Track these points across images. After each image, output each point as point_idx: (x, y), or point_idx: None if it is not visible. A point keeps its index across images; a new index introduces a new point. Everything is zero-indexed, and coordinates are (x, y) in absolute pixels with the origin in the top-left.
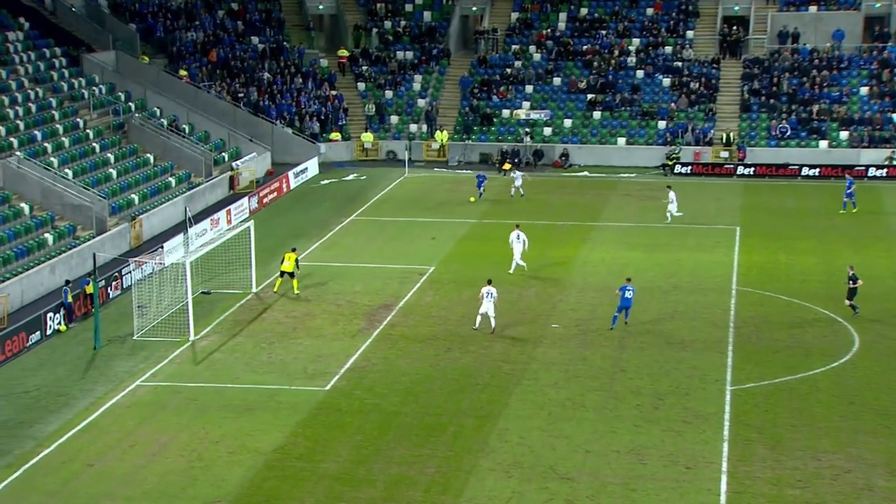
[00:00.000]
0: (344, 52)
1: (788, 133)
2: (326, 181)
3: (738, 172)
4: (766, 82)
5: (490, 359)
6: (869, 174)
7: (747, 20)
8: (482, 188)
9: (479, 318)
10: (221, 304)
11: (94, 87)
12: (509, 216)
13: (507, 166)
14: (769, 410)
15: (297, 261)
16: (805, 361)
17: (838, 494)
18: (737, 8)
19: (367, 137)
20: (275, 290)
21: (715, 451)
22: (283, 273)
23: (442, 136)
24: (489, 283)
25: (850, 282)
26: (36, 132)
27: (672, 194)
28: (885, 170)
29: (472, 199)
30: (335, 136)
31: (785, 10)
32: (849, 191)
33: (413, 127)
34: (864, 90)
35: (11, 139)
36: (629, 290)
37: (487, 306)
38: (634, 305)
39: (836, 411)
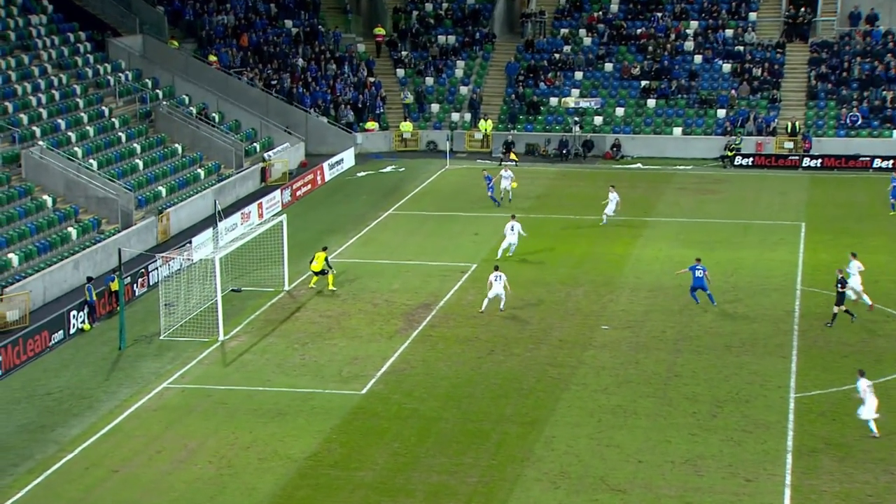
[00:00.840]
0: (381, 31)
1: (859, 122)
2: (363, 173)
3: (803, 164)
4: (835, 67)
5: (536, 362)
6: None
7: (815, 0)
8: (492, 190)
9: (486, 302)
10: (252, 303)
11: (119, 74)
12: (555, 210)
13: (513, 156)
14: (837, 420)
15: (326, 259)
16: (876, 367)
17: None
18: None
19: (407, 127)
20: (311, 285)
21: (778, 462)
22: (315, 273)
23: (486, 125)
24: (496, 268)
25: (839, 286)
26: (59, 121)
27: (613, 195)
28: None
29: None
30: (371, 125)
31: None
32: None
33: (455, 116)
34: None
35: (34, 128)
36: (699, 269)
37: (498, 289)
38: (693, 306)
39: None
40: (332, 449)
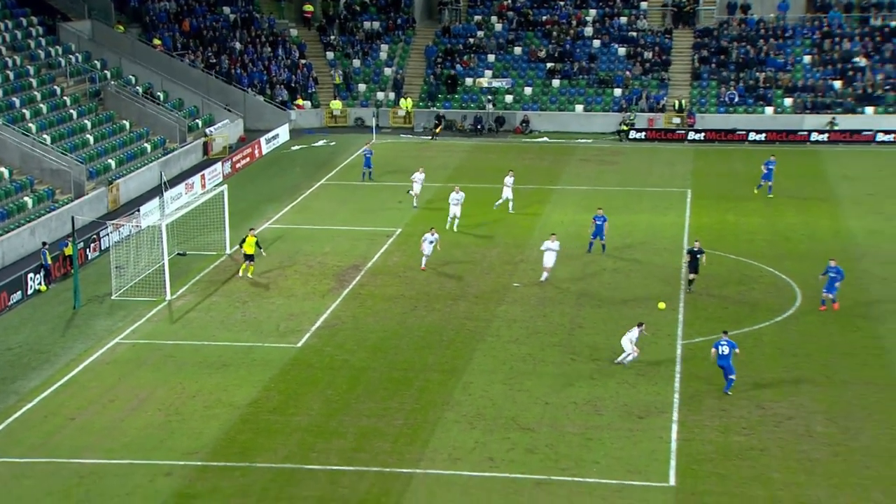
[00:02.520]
0: (309, 8)
1: (736, 100)
2: (297, 147)
3: (689, 138)
4: (715, 51)
5: (454, 316)
6: (811, 139)
7: None
8: (370, 166)
9: (424, 260)
10: (196, 265)
11: (70, 56)
12: (472, 180)
13: (438, 130)
14: (716, 363)
15: (258, 243)
16: (751, 316)
17: (780, 440)
18: None
19: (336, 105)
20: (240, 273)
21: (666, 401)
22: (246, 257)
23: (407, 103)
24: (432, 230)
25: (697, 255)
26: (14, 99)
27: (417, 174)
28: (826, 135)
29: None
30: (300, 102)
31: None
32: (767, 172)
33: (380, 95)
34: (807, 59)
35: None
36: (600, 218)
37: (427, 249)
38: (591, 264)
39: (779, 363)
40: (271, 396)
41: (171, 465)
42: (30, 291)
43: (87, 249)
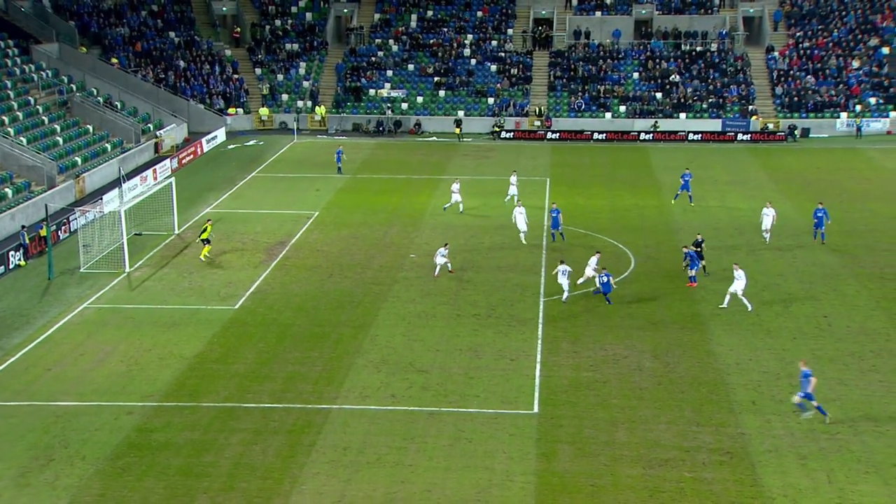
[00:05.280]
0: (238, 30)
1: (583, 107)
2: (232, 146)
3: (547, 137)
4: (566, 69)
5: (363, 282)
6: (641, 138)
7: (552, 21)
8: (340, 162)
9: (437, 269)
10: (150, 243)
11: (42, 72)
12: (378, 171)
13: (458, 130)
14: (571, 315)
15: (207, 230)
16: (572, 287)
17: (618, 374)
18: (544, 12)
19: (264, 111)
20: (202, 256)
21: (532, 346)
22: (203, 241)
23: (321, 110)
24: (445, 245)
25: (700, 246)
26: None
27: (455, 185)
28: (651, 135)
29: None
30: (232, 110)
31: (579, 14)
32: (684, 183)
33: (300, 103)
34: (636, 75)
35: None
36: (554, 212)
37: (441, 261)
38: (472, 238)
39: (618, 313)
40: (214, 349)
41: (132, 406)
42: (11, 266)
43: (59, 231)
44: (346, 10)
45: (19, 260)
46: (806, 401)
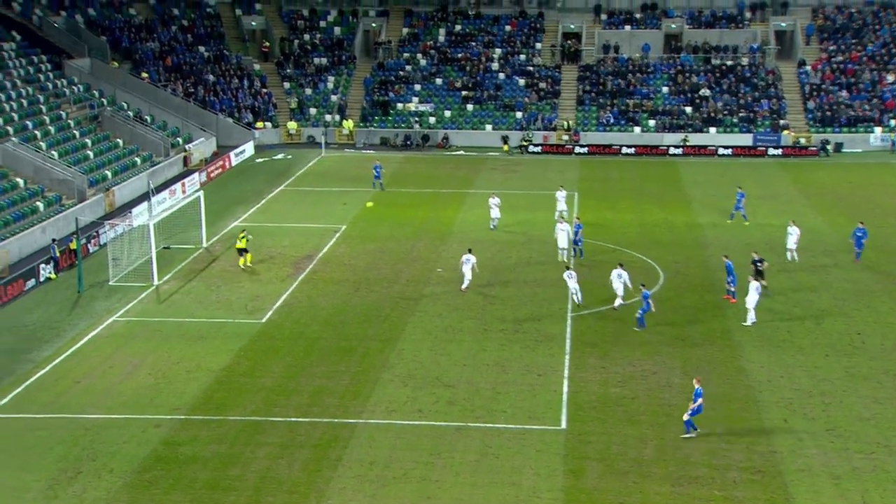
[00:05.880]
0: (267, 44)
1: (612, 121)
2: (260, 160)
3: (575, 151)
4: (595, 83)
5: (390, 296)
6: (670, 152)
7: (580, 35)
8: (381, 178)
9: (466, 283)
10: (179, 256)
11: (73, 87)
12: (405, 185)
13: (506, 148)
14: (599, 331)
15: (246, 240)
16: (626, 293)
17: (647, 390)
18: (573, 26)
19: (292, 125)
20: (241, 264)
21: (559, 362)
22: (239, 251)
23: (348, 124)
24: (469, 251)
25: (759, 264)
26: (28, 122)
27: (493, 199)
28: (681, 149)
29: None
30: (260, 124)
31: (608, 28)
32: (739, 203)
33: (328, 117)
34: (665, 89)
35: (8, 128)
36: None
37: (466, 270)
38: (500, 253)
39: (647, 329)
40: (241, 362)
41: (159, 419)
42: (42, 279)
43: (89, 244)
44: (374, 25)
45: (50, 273)
46: (694, 418)
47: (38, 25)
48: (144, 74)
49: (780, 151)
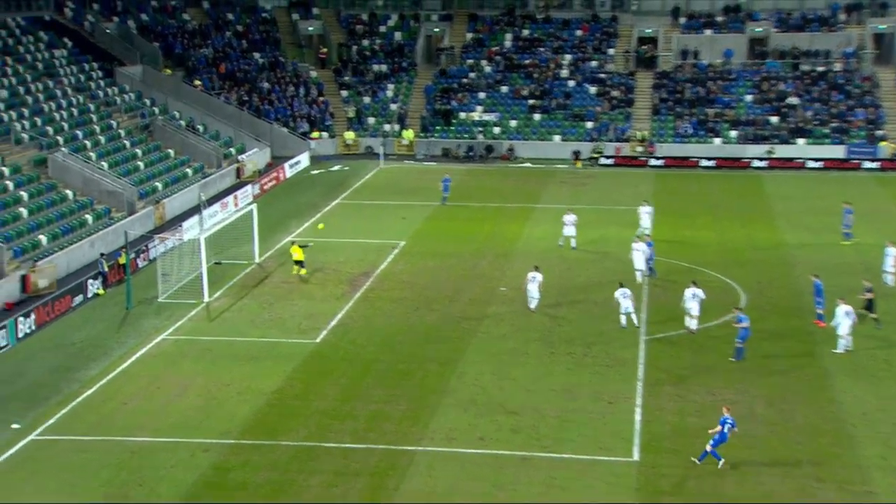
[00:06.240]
0: (324, 50)
1: (690, 131)
2: (316, 171)
3: (650, 164)
4: (672, 91)
5: (451, 316)
6: (753, 165)
7: (657, 40)
8: (448, 191)
9: (534, 302)
10: (230, 273)
11: (124, 95)
12: (468, 199)
13: (579, 164)
14: (674, 356)
15: (301, 246)
16: (703, 316)
17: None
18: (648, 30)
19: (349, 135)
20: (293, 273)
21: (631, 388)
22: (295, 262)
23: (409, 134)
24: (536, 268)
25: (867, 293)
26: (78, 132)
27: (567, 216)
28: (766, 161)
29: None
30: (316, 134)
31: (686, 33)
32: (846, 222)
33: (387, 126)
34: (748, 97)
35: (58, 137)
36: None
37: (532, 288)
38: (568, 271)
39: (727, 355)
40: (294, 384)
41: (209, 443)
42: (90, 295)
43: (138, 259)
44: (436, 30)
45: (98, 288)
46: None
47: (89, 31)
48: (197, 82)
49: (876, 165)
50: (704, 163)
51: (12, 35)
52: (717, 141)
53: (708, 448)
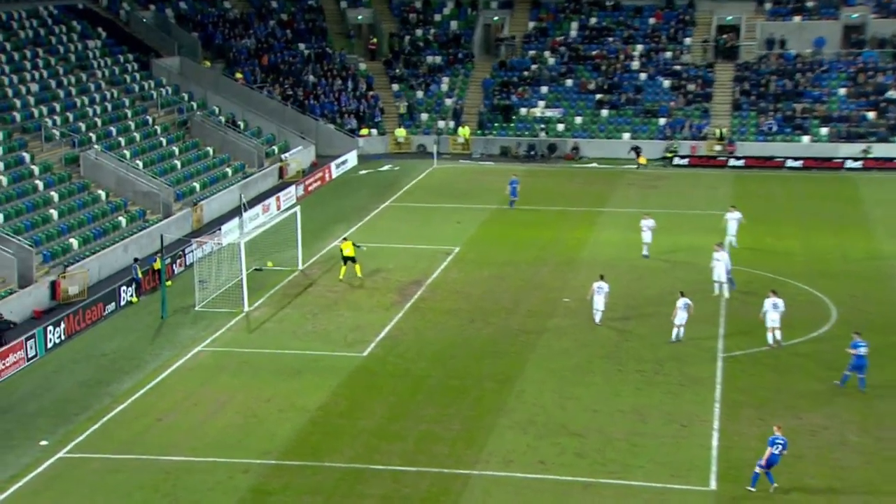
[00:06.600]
0: (375, 40)
1: (774, 129)
2: (364, 171)
3: (729, 164)
4: (755, 84)
5: (509, 329)
6: (846, 166)
7: (739, 28)
8: (516, 195)
9: (598, 314)
10: (272, 280)
11: (161, 89)
12: (528, 202)
13: (643, 160)
14: (756, 375)
15: (354, 244)
16: (788, 332)
17: (816, 448)
18: (729, 18)
19: (401, 132)
20: (340, 277)
21: (708, 410)
22: (345, 259)
23: (464, 131)
24: (601, 277)
25: None
26: (111, 128)
27: (645, 221)
28: (861, 162)
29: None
30: (365, 131)
31: (772, 20)
32: None
33: (441, 123)
34: (842, 91)
35: (90, 134)
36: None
37: (598, 300)
38: (637, 282)
39: (815, 376)
40: (339, 401)
41: (248, 464)
42: (122, 303)
43: (174, 265)
44: (496, 18)
45: (131, 296)
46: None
47: (125, 21)
48: (238, 75)
49: None
50: (791, 163)
51: (44, 24)
52: (806, 139)
53: (757, 469)
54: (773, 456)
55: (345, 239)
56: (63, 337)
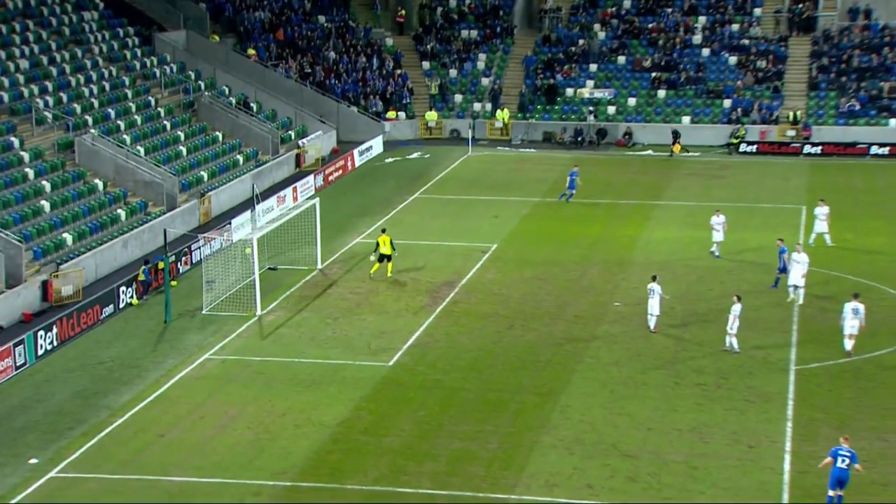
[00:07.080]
0: (403, 11)
1: (857, 110)
2: (391, 159)
3: (804, 151)
4: (835, 59)
5: (552, 336)
6: None
7: None
8: (575, 187)
9: (653, 320)
10: (287, 280)
11: (165, 66)
12: (575, 195)
13: (677, 148)
14: (833, 390)
15: (391, 242)
16: (871, 342)
17: None
18: None
19: (432, 116)
20: (371, 272)
21: (778, 430)
22: (381, 257)
23: (503, 114)
24: (654, 279)
25: None
26: (109, 110)
27: (716, 218)
28: None
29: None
30: (392, 114)
31: None
32: None
33: (477, 106)
34: None
35: (86, 117)
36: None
37: (653, 303)
38: (698, 284)
39: None
40: (362, 416)
41: (259, 486)
42: (122, 305)
43: (179, 263)
44: None
45: (131, 297)
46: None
47: None
48: (251, 51)
49: None
50: (875, 150)
51: None
52: (893, 122)
53: (830, 493)
54: (840, 471)
55: (383, 231)
56: (55, 343)
